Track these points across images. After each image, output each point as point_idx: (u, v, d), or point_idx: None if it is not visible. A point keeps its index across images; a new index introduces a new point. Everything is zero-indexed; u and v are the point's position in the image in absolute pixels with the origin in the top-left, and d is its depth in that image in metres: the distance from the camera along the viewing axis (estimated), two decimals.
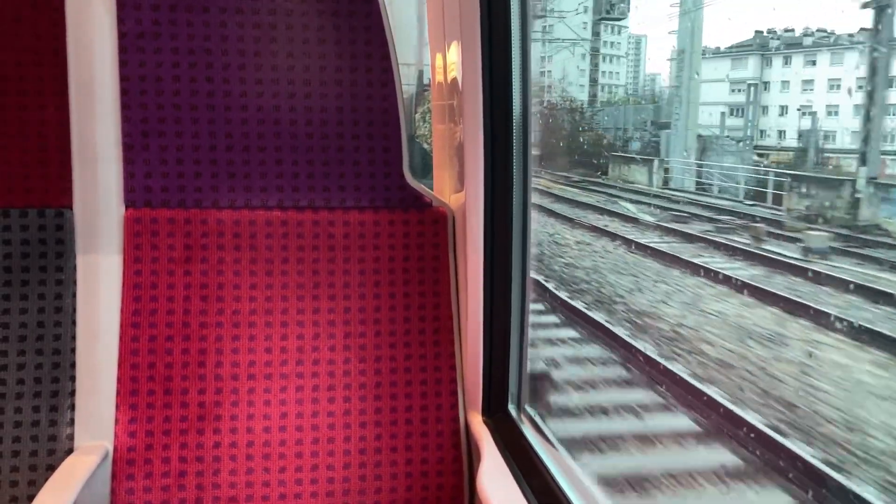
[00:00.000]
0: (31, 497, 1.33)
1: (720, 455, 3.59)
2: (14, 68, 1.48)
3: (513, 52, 1.54)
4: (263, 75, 1.52)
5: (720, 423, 3.75)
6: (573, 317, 5.80)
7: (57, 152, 1.49)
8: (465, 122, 1.55)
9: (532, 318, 1.72)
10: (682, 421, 3.94)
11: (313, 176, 1.55)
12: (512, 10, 1.52)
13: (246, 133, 1.52)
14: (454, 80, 1.61)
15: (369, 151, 1.57)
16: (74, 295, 1.49)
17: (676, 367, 4.42)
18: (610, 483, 3.37)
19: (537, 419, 1.69)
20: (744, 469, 3.44)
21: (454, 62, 1.60)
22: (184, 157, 1.51)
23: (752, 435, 3.51)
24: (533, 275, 1.70)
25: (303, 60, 1.53)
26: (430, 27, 1.71)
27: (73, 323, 1.48)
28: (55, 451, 1.47)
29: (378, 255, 1.56)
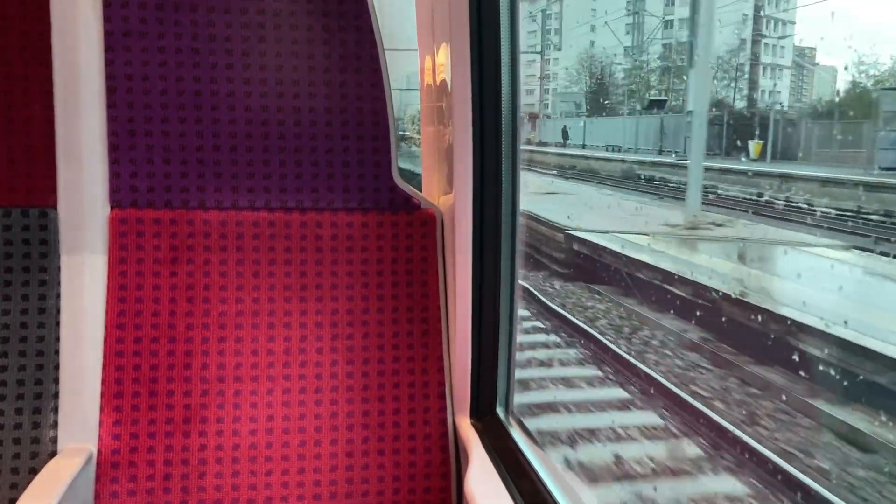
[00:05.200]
0: (13, 501, 1.31)
1: None
2: None
3: (502, 54, 1.54)
4: (251, 75, 1.51)
5: None
6: None
7: (42, 151, 1.47)
8: (454, 124, 1.54)
9: None
10: None
11: (301, 177, 1.54)
12: (502, 11, 1.52)
13: (233, 133, 1.51)
14: (443, 81, 1.61)
15: (358, 152, 1.56)
16: (58, 296, 1.47)
17: None
18: None
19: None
20: None
21: (443, 64, 1.59)
22: (170, 158, 1.50)
23: None
24: None
25: (291, 60, 1.52)
26: (418, 28, 1.70)
27: (57, 324, 1.47)
28: (38, 453, 1.45)
29: (366, 257, 1.56)
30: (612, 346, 4.29)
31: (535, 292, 6.18)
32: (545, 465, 1.45)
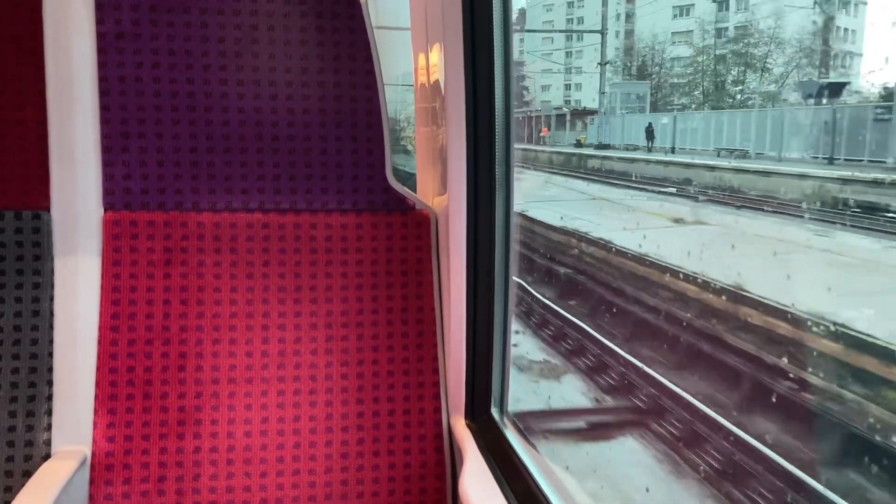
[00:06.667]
0: None
1: None
2: None
3: (495, 54, 1.53)
4: (245, 76, 1.51)
5: None
6: None
7: (35, 154, 1.47)
8: (447, 124, 1.54)
9: None
10: None
11: (295, 178, 1.54)
12: (494, 12, 1.51)
13: (227, 134, 1.51)
14: (437, 82, 1.60)
15: (352, 153, 1.56)
16: (52, 298, 1.47)
17: None
18: None
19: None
20: None
21: (437, 64, 1.59)
22: (164, 159, 1.50)
23: None
24: None
25: (285, 62, 1.52)
26: (412, 28, 1.70)
27: (51, 327, 1.47)
28: (32, 456, 1.45)
29: (360, 258, 1.56)
30: None
31: None
32: (539, 466, 1.44)
